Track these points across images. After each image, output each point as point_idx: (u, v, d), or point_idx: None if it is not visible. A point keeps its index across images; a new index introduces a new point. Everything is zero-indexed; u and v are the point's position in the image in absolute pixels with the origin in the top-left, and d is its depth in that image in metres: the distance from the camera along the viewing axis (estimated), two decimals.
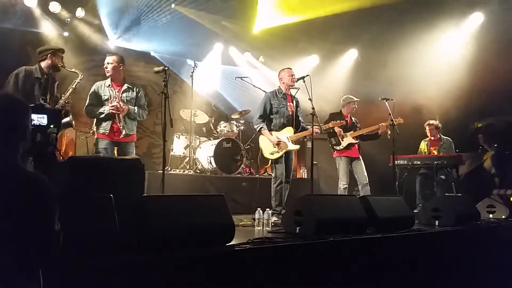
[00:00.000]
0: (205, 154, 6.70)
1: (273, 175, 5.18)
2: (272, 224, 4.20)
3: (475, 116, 8.12)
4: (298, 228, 3.52)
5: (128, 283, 2.23)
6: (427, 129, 7.06)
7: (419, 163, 6.67)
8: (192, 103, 6.87)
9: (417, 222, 4.55)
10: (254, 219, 4.09)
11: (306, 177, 7.65)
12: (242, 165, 6.96)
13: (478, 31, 7.77)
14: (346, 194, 5.70)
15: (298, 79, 5.16)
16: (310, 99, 4.96)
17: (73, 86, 4.47)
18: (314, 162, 5.36)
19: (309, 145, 6.42)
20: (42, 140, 3.68)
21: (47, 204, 1.56)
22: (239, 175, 6.85)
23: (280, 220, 4.31)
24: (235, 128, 7.36)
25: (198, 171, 6.70)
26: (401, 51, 7.80)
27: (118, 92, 4.80)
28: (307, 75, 5.06)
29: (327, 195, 5.47)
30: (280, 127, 5.24)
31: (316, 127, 5.11)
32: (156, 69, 4.52)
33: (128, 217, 2.58)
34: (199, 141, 7.01)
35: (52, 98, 4.44)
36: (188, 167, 6.68)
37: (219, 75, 9.02)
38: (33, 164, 3.69)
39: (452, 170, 6.60)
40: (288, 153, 5.22)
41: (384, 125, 5.85)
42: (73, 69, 4.57)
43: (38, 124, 3.62)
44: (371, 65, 8.49)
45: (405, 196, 5.65)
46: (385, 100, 5.81)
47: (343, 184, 5.86)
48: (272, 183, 5.13)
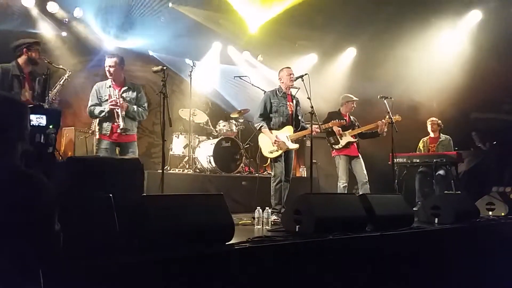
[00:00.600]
0: (205, 154, 6.71)
1: (273, 174, 5.20)
2: (272, 223, 4.20)
3: (473, 114, 8.13)
4: (298, 227, 3.53)
5: (128, 283, 2.23)
6: (429, 125, 7.08)
7: (418, 161, 6.68)
8: (191, 103, 6.87)
9: (417, 220, 4.54)
10: (254, 218, 4.09)
11: (306, 176, 7.66)
12: (242, 164, 6.97)
13: (476, 29, 7.76)
14: (346, 193, 5.70)
15: (297, 78, 5.17)
16: (309, 98, 4.96)
17: (61, 83, 4.44)
18: (314, 161, 5.37)
19: (309, 144, 6.41)
20: (41, 141, 3.67)
21: (47, 205, 1.56)
22: (239, 174, 6.86)
23: (280, 219, 4.30)
24: (234, 127, 7.36)
25: (198, 171, 6.70)
26: (399, 50, 7.80)
27: (119, 92, 4.81)
28: (306, 74, 5.06)
29: (327, 194, 5.47)
30: (280, 126, 5.24)
31: (316, 126, 5.12)
32: (155, 69, 4.52)
33: (128, 217, 2.57)
34: (198, 141, 7.01)
35: (34, 95, 4.32)
36: (188, 167, 6.68)
37: (218, 74, 9.00)
38: (32, 165, 3.68)
39: (451, 168, 6.62)
40: (288, 152, 5.23)
41: (382, 123, 5.85)
42: (61, 66, 4.53)
43: (37, 125, 3.61)
44: (369, 64, 8.49)
45: (405, 194, 5.68)
46: (384, 99, 5.81)
47: (343, 183, 5.85)
48: (272, 182, 5.15)
